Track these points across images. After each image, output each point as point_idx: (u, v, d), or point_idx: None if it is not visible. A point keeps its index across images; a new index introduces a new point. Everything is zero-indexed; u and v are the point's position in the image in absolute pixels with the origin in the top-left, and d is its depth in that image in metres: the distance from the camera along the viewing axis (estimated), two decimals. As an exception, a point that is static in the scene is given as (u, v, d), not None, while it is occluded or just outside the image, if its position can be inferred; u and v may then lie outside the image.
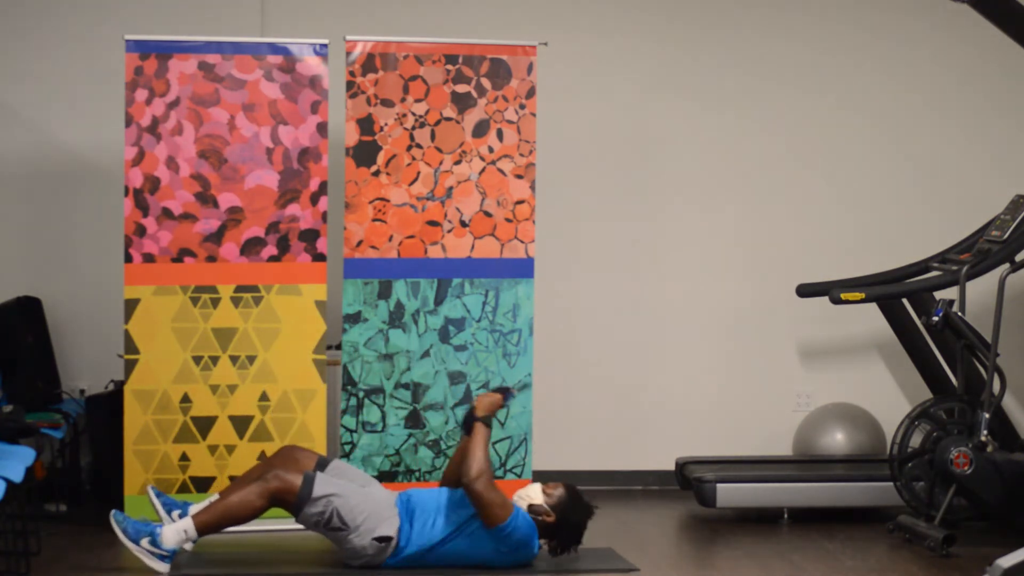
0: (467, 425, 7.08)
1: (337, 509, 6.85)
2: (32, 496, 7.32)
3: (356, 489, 6.99)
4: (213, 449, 7.73)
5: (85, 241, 8.59)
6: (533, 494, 7.08)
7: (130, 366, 7.67)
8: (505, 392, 7.20)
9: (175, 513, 7.01)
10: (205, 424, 7.72)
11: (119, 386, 7.95)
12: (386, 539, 6.88)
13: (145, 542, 6.79)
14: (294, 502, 6.85)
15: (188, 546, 6.87)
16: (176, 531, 6.82)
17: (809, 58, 9.04)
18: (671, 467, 8.60)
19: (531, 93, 8.02)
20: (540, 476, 8.50)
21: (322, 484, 6.88)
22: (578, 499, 7.10)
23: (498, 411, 7.18)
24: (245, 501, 6.85)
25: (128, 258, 7.67)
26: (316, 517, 6.85)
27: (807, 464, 8.56)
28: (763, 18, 9.02)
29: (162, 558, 6.80)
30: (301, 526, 7.07)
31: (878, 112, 9.08)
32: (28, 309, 8.24)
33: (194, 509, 6.95)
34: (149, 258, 7.67)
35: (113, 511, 6.90)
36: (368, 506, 6.92)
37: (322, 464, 7.15)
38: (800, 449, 8.85)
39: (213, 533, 6.92)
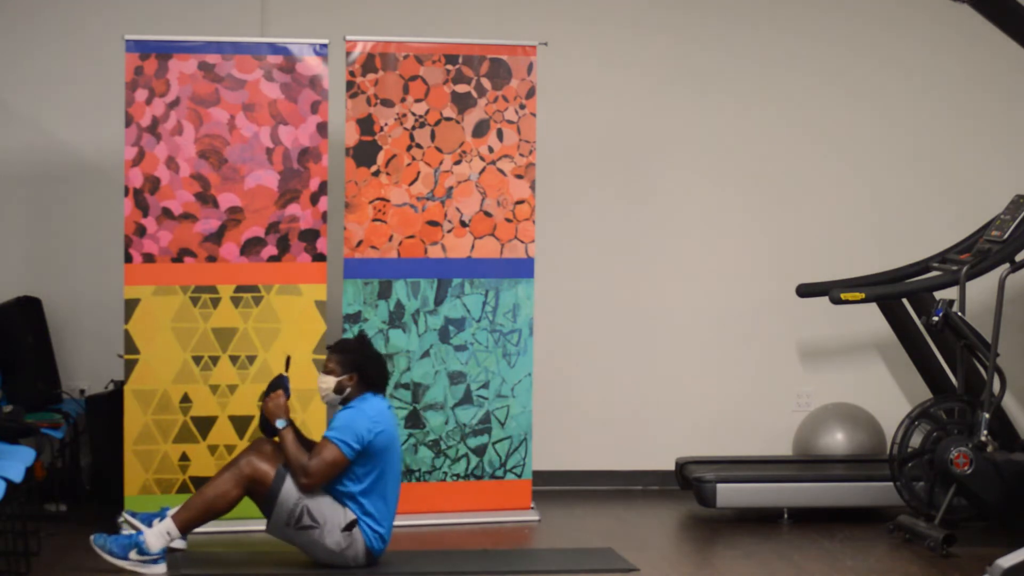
0: (269, 432, 7.03)
1: (307, 506, 6.86)
2: (32, 496, 7.32)
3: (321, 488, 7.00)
4: (213, 449, 7.73)
5: (85, 241, 8.59)
6: (325, 384, 7.04)
7: (130, 366, 7.67)
8: (280, 383, 7.08)
9: (155, 521, 6.97)
10: (205, 424, 7.72)
11: (119, 386, 7.95)
12: (351, 524, 6.89)
13: (133, 555, 6.84)
14: (265, 494, 6.87)
15: (178, 544, 6.88)
16: (159, 534, 6.86)
17: (809, 59, 9.04)
18: (671, 467, 8.60)
19: (531, 93, 8.02)
20: (540, 476, 8.53)
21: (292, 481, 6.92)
22: (350, 344, 7.09)
23: (286, 402, 7.06)
24: (220, 492, 6.89)
25: (128, 258, 7.68)
26: (287, 516, 6.85)
27: (807, 464, 8.56)
28: (763, 19, 9.02)
29: (154, 562, 6.84)
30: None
31: (878, 113, 9.08)
32: (28, 309, 8.24)
33: (173, 511, 6.94)
34: (149, 258, 7.68)
35: (92, 536, 6.91)
36: (331, 500, 6.94)
37: None
38: (800, 449, 8.85)
39: (196, 527, 6.94)
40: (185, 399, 7.70)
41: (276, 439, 7.00)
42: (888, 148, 9.11)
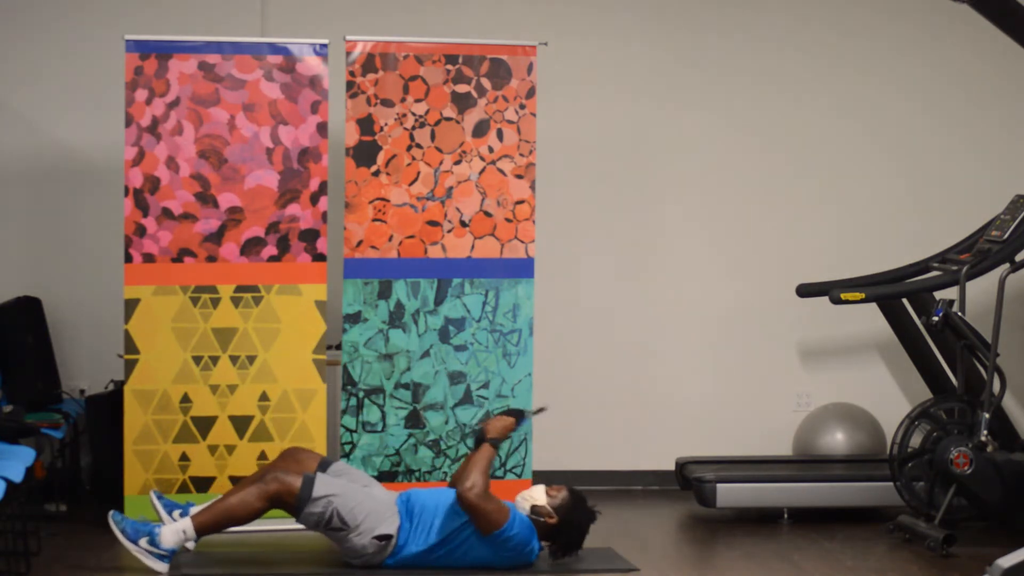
0: (477, 443, 7.13)
1: (337, 509, 6.85)
2: (32, 496, 7.32)
3: (356, 489, 6.99)
4: (213, 449, 7.73)
5: (85, 241, 8.59)
6: (537, 496, 7.09)
7: (130, 366, 7.67)
8: (519, 415, 7.23)
9: (176, 513, 7.00)
10: (205, 424, 7.72)
11: (119, 386, 7.95)
12: (386, 537, 6.89)
13: (144, 542, 6.80)
14: (294, 504, 6.86)
15: (190, 545, 6.87)
16: (175, 531, 6.83)
17: (810, 59, 9.04)
18: (671, 467, 8.60)
19: (531, 93, 8.02)
20: (540, 476, 8.50)
21: (322, 485, 6.89)
22: (581, 502, 7.12)
23: (511, 433, 7.21)
24: (245, 502, 6.86)
25: (128, 258, 7.67)
26: (316, 518, 6.85)
27: (807, 464, 8.56)
28: (763, 22, 9.02)
29: (161, 558, 6.80)
30: (301, 526, 7.08)
31: (878, 112, 9.08)
32: (28, 309, 8.24)
33: (195, 510, 6.95)
34: (149, 258, 7.67)
35: (112, 512, 6.90)
36: (368, 505, 6.93)
37: (324, 465, 7.15)
38: (800, 449, 8.85)
39: (212, 533, 6.92)
40: (185, 399, 7.70)
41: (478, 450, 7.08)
42: (888, 148, 9.11)
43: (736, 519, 8.28)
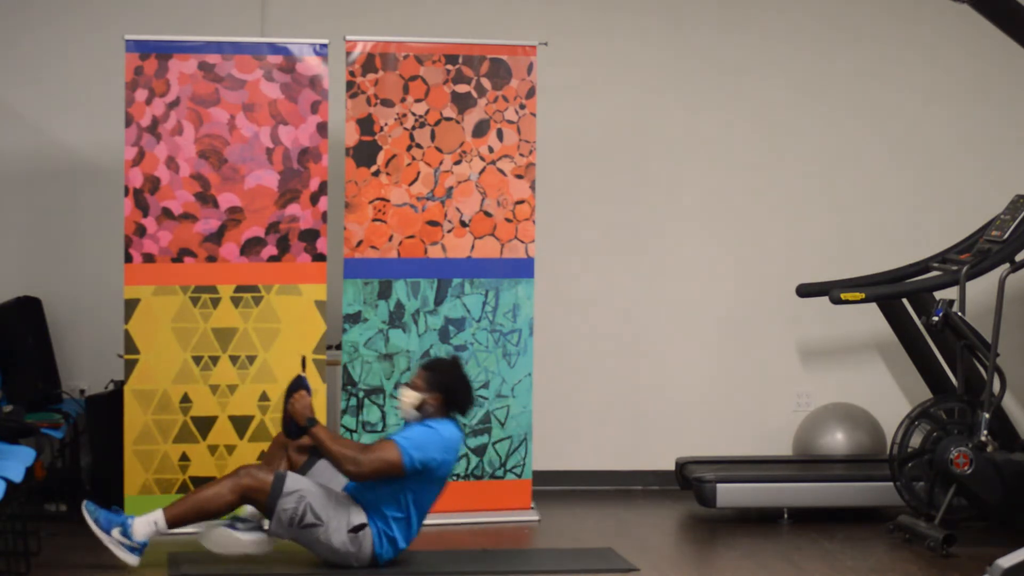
0: (295, 434, 6.98)
1: (310, 504, 6.86)
2: (32, 496, 7.32)
3: (327, 487, 6.98)
4: (213, 449, 7.73)
5: (85, 241, 8.59)
6: (409, 397, 7.01)
7: (130, 366, 7.67)
8: (299, 382, 7.02)
9: (115, 530, 6.91)
10: (205, 424, 7.72)
11: (119, 386, 7.95)
12: (360, 527, 6.89)
13: (116, 532, 6.83)
14: (266, 500, 6.86)
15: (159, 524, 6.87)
16: (146, 523, 6.86)
17: (810, 59, 9.04)
18: (671, 467, 8.60)
19: (531, 93, 8.02)
20: (540, 476, 8.52)
21: (293, 481, 6.90)
22: (442, 364, 7.09)
23: (311, 401, 7.01)
24: (217, 495, 6.88)
25: (128, 258, 7.67)
26: (290, 514, 6.84)
27: (807, 464, 8.56)
28: (763, 19, 9.02)
29: (132, 550, 6.84)
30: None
31: (878, 112, 9.08)
32: (28, 309, 8.24)
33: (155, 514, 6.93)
34: (149, 258, 7.67)
35: (85, 501, 6.92)
36: (338, 499, 6.94)
37: (310, 464, 7.14)
38: (800, 449, 8.84)
39: (184, 525, 6.92)
40: (185, 399, 7.70)
41: (303, 440, 7.01)
42: (888, 148, 9.10)
43: (736, 519, 8.28)
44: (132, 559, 6.84)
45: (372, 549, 6.92)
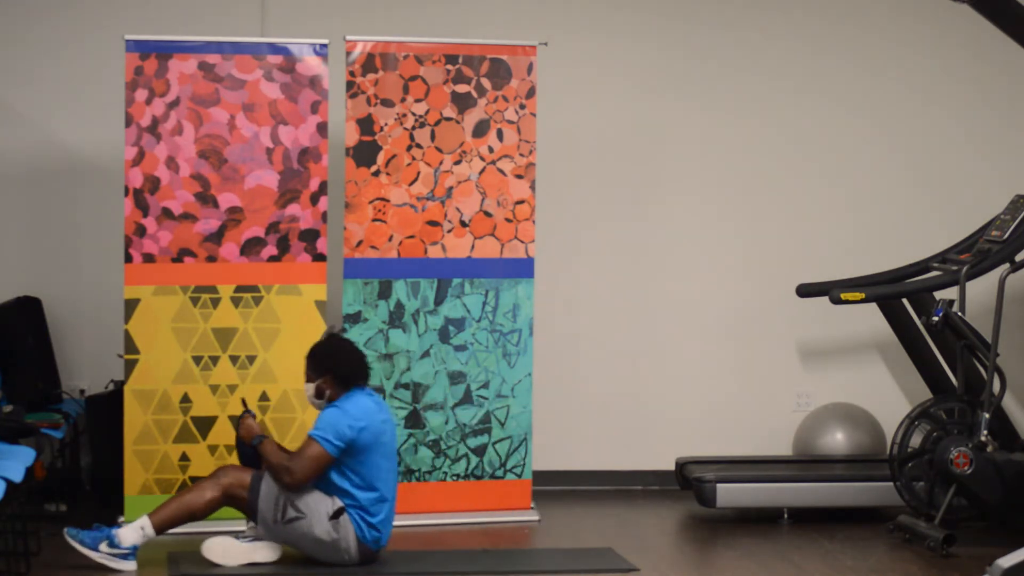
0: (251, 460, 7.05)
1: (290, 498, 6.88)
2: (32, 496, 7.32)
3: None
4: (213, 449, 7.73)
5: (85, 241, 8.59)
6: (307, 392, 7.08)
7: (130, 366, 7.67)
8: (245, 412, 7.14)
9: (102, 545, 6.93)
10: (205, 424, 7.72)
11: (119, 386, 7.95)
12: (339, 511, 6.92)
13: (104, 546, 6.87)
14: (247, 497, 6.91)
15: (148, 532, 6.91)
16: (133, 529, 6.89)
17: (810, 58, 9.04)
18: (671, 467, 8.60)
19: (531, 93, 8.02)
20: (540, 476, 8.52)
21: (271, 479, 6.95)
22: (324, 346, 7.10)
23: (256, 422, 7.13)
24: (199, 495, 6.93)
25: (128, 258, 7.68)
26: (272, 511, 6.87)
27: (807, 464, 8.56)
28: (764, 18, 9.02)
29: (124, 557, 6.87)
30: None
31: (878, 112, 9.08)
32: (28, 309, 8.24)
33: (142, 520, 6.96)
34: (149, 258, 7.67)
35: (65, 529, 6.93)
36: (312, 492, 6.96)
37: None
38: (800, 449, 8.85)
39: (171, 528, 6.96)
40: (185, 399, 7.70)
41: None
42: (888, 148, 9.11)
43: (736, 519, 8.28)
44: (128, 565, 6.86)
45: (355, 534, 6.94)
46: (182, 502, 6.94)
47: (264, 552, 6.98)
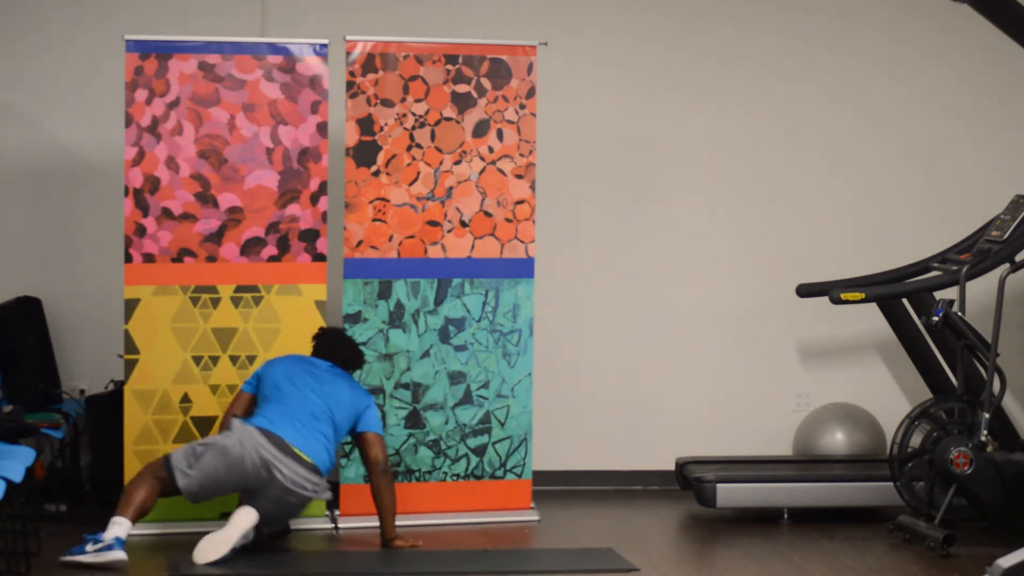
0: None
1: (209, 451, 7.08)
2: (32, 496, 7.32)
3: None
4: (213, 449, 7.72)
5: (85, 241, 8.59)
6: None
7: (130, 366, 7.67)
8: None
9: (88, 546, 7.01)
10: (205, 424, 7.72)
11: (119, 386, 7.95)
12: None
13: (89, 547, 6.94)
14: (169, 479, 7.10)
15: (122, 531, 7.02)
16: (111, 525, 7.00)
17: (810, 58, 9.04)
18: (671, 467, 8.60)
19: (531, 93, 8.02)
20: (540, 476, 8.52)
21: (179, 454, 7.12)
22: (323, 337, 7.54)
23: None
24: (141, 480, 7.12)
25: (128, 258, 7.68)
26: (187, 457, 7.11)
27: (807, 464, 8.56)
28: (763, 18, 9.02)
29: (109, 547, 6.93)
30: (300, 527, 7.12)
31: (878, 112, 9.08)
32: (28, 309, 8.24)
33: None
34: (149, 258, 7.67)
35: (60, 557, 7.00)
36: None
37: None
38: (800, 449, 8.85)
39: (141, 515, 7.09)
40: (185, 399, 7.70)
41: None
42: (888, 148, 9.11)
43: (736, 519, 8.28)
44: (116, 554, 6.92)
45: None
46: (127, 491, 7.12)
47: (241, 517, 7.00)
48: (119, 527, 6.99)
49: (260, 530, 7.10)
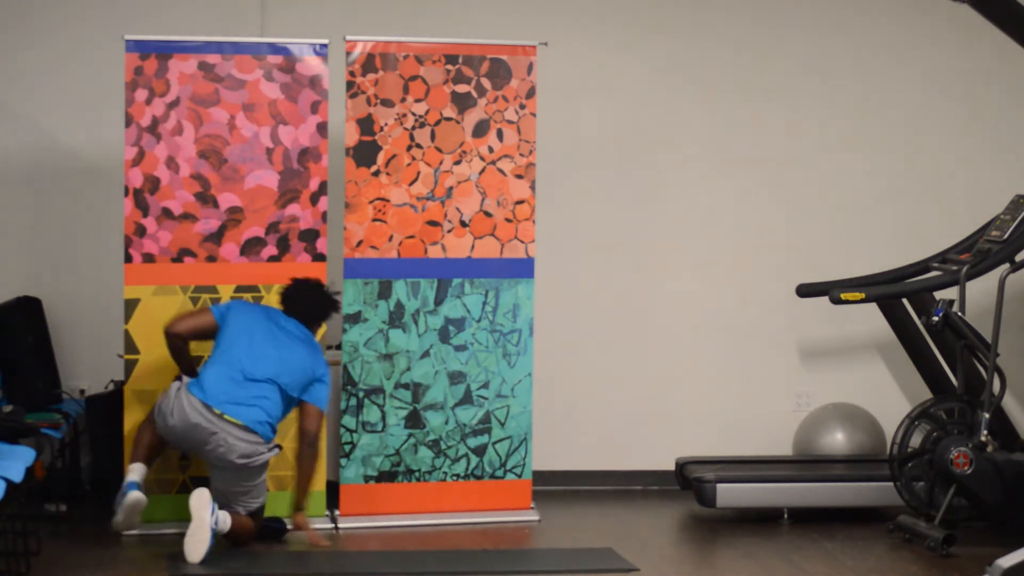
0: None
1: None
2: (32, 496, 7.33)
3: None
4: (213, 449, 7.72)
5: (85, 241, 8.59)
6: None
7: (130, 366, 7.67)
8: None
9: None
10: (205, 424, 7.71)
11: (119, 386, 7.95)
12: (177, 378, 7.33)
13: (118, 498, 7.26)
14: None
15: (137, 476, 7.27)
16: (126, 473, 7.28)
17: (810, 58, 9.04)
18: (671, 467, 8.60)
19: (531, 93, 8.02)
20: (540, 476, 8.53)
21: (159, 404, 7.31)
22: (292, 295, 7.54)
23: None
24: (145, 428, 7.39)
25: (128, 258, 7.68)
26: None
27: (807, 464, 8.56)
28: (763, 19, 9.02)
29: (124, 494, 7.24)
30: (299, 530, 7.16)
31: (878, 112, 9.08)
32: (28, 309, 8.24)
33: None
34: (149, 258, 7.67)
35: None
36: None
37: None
38: (800, 449, 8.85)
39: (153, 454, 7.39)
40: (185, 399, 7.69)
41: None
42: (888, 148, 9.11)
43: (736, 519, 8.28)
44: (133, 496, 7.20)
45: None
46: (137, 439, 7.38)
47: (195, 500, 7.05)
48: (133, 472, 7.26)
49: (234, 509, 7.20)
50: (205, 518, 6.98)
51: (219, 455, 7.13)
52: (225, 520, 7.08)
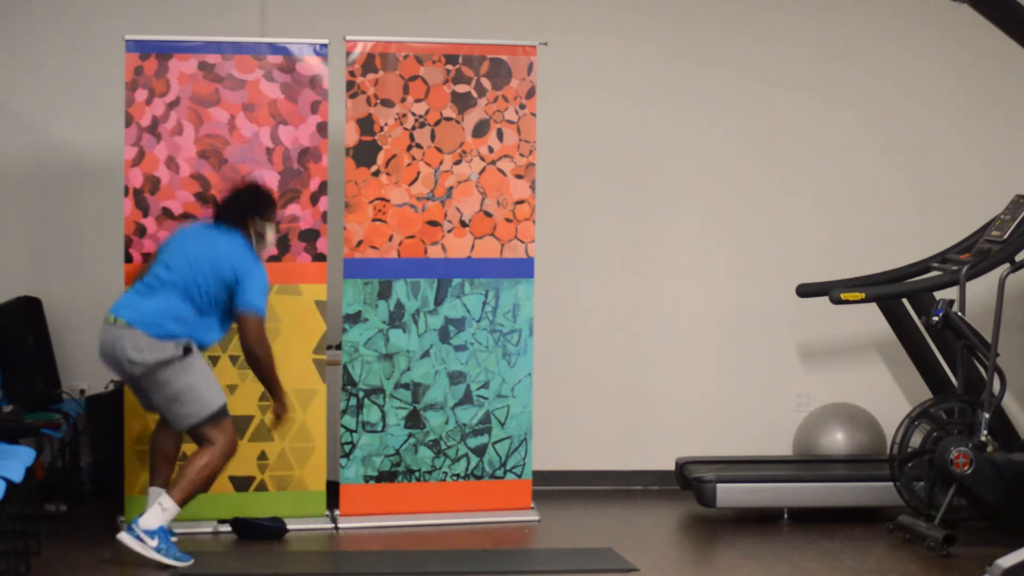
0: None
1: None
2: (32, 496, 7.33)
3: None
4: (213, 449, 7.71)
5: (85, 241, 8.59)
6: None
7: (130, 366, 7.67)
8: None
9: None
10: (205, 424, 7.71)
11: (119, 386, 7.95)
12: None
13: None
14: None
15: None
16: (153, 512, 6.98)
17: (810, 57, 9.04)
18: (671, 467, 8.60)
19: (531, 93, 8.02)
20: (540, 476, 8.52)
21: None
22: (221, 202, 7.36)
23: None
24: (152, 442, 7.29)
25: (128, 258, 7.67)
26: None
27: (807, 464, 8.56)
28: (763, 20, 9.02)
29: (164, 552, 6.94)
30: (299, 527, 7.12)
31: (878, 112, 9.08)
32: (28, 309, 8.24)
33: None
34: (149, 258, 7.67)
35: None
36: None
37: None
38: (800, 449, 8.85)
39: (165, 466, 7.23)
40: (185, 399, 7.69)
41: None
42: (888, 148, 9.11)
43: (736, 519, 8.28)
44: (179, 561, 6.93)
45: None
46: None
47: (121, 539, 6.98)
48: (161, 508, 6.96)
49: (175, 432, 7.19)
50: (141, 549, 6.90)
51: (126, 370, 7.00)
52: (155, 505, 6.98)
